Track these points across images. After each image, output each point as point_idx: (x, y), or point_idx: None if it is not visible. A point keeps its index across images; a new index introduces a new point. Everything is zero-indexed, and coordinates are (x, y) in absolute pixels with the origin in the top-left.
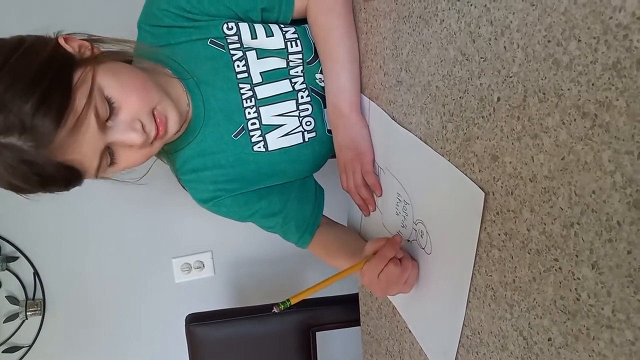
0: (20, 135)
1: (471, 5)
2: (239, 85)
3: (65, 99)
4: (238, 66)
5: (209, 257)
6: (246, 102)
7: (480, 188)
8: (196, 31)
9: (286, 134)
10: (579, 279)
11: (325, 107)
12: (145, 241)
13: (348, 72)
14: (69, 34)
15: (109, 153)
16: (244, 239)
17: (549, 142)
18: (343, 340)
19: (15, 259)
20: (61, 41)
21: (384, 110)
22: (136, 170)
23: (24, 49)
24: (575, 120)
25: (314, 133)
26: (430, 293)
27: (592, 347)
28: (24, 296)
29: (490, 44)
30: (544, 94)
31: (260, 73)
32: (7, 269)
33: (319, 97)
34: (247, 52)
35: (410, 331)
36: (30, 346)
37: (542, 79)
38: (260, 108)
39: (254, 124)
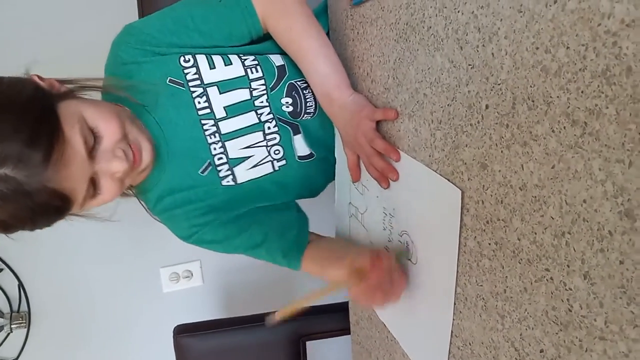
0: (14, 167)
1: (458, 12)
2: (201, 122)
3: (53, 130)
4: (199, 102)
5: (198, 266)
6: (210, 138)
7: (456, 186)
8: (153, 67)
9: (255, 165)
10: (570, 289)
11: (294, 133)
12: (133, 250)
13: (323, 57)
14: (36, 75)
15: (92, 184)
16: None
17: (538, 150)
18: (333, 350)
19: None
20: (36, 79)
21: None
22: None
23: (5, 87)
24: (565, 128)
25: (284, 161)
26: (417, 303)
27: (585, 359)
28: (9, 309)
29: (478, 51)
30: (533, 101)
31: (224, 107)
32: None
33: (287, 125)
34: (207, 89)
35: None
36: (16, 359)
37: (530, 86)
38: (225, 143)
39: (220, 158)
